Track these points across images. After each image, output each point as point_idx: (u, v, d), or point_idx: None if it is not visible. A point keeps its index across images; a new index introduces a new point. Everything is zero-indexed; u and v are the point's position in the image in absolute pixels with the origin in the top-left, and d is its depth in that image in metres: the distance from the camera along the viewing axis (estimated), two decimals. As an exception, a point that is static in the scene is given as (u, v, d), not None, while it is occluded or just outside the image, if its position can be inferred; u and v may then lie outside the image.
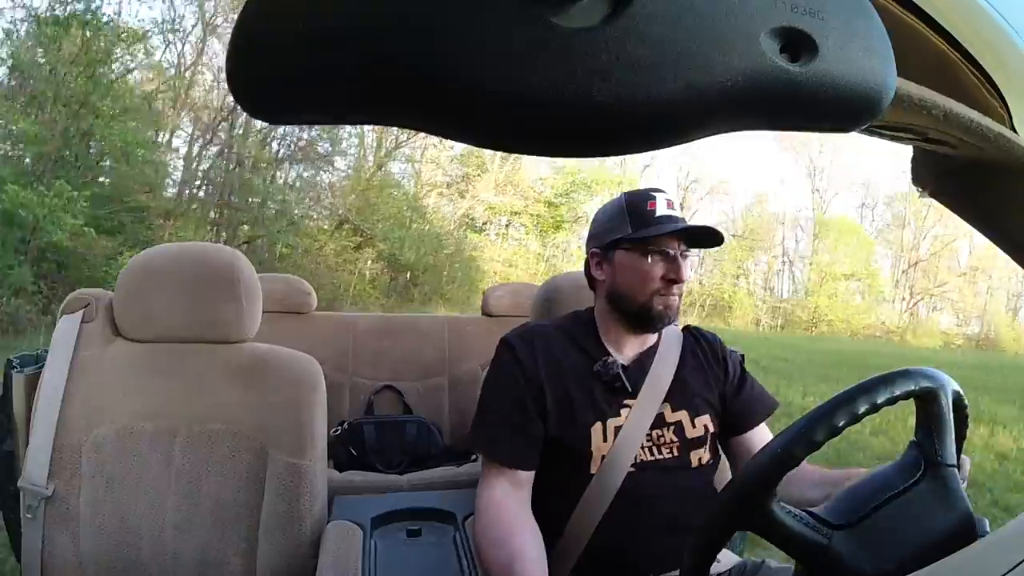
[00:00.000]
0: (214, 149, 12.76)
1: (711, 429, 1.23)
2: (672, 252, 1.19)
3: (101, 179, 10.56)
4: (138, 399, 1.29)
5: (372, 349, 2.67)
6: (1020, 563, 0.44)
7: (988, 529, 0.72)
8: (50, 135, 9.34)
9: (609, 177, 25.01)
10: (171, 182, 11.95)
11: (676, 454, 1.20)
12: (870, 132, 0.46)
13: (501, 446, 1.15)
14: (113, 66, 10.86)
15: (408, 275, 15.10)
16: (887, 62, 0.33)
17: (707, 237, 1.22)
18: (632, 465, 1.16)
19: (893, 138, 0.48)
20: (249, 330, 1.35)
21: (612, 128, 0.30)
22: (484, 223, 21.52)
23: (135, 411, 1.28)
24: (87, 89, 9.78)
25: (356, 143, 16.48)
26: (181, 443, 1.28)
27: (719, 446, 1.28)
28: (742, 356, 1.34)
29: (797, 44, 0.31)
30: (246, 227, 12.36)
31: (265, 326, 1.43)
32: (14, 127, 9.27)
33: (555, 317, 1.40)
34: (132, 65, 11.70)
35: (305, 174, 14.34)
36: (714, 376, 1.29)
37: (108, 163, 10.82)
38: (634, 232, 1.20)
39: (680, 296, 1.22)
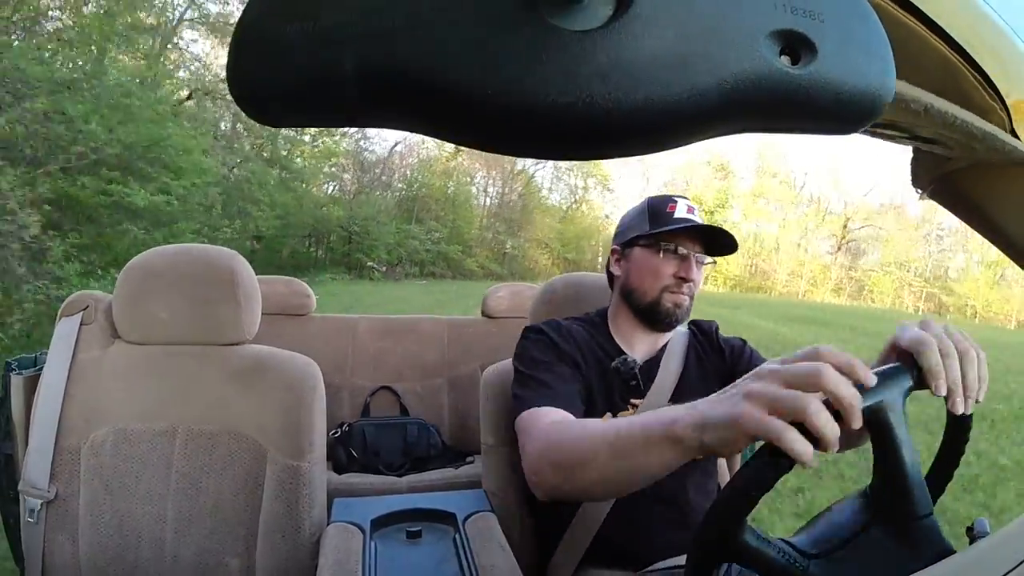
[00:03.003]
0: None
1: None
2: (685, 252, 1.24)
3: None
4: (137, 401, 1.29)
5: (372, 351, 2.67)
6: (1021, 563, 0.44)
7: (988, 529, 0.72)
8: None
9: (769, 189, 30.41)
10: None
11: None
12: (866, 132, 0.46)
13: (547, 394, 1.14)
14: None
15: (567, 263, 24.64)
16: (887, 64, 0.33)
17: (723, 245, 1.26)
18: None
19: (890, 139, 0.48)
20: (248, 332, 1.35)
21: (613, 131, 0.30)
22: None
23: (134, 413, 1.28)
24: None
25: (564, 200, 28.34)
26: (180, 445, 1.28)
27: None
28: (742, 340, 1.38)
29: (796, 46, 0.31)
30: (509, 244, 23.29)
31: (264, 328, 1.43)
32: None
33: (554, 318, 1.42)
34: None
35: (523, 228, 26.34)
36: (712, 364, 1.33)
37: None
38: (651, 229, 1.26)
39: (691, 297, 1.27)
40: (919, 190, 0.57)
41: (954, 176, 0.54)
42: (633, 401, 1.24)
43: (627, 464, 0.81)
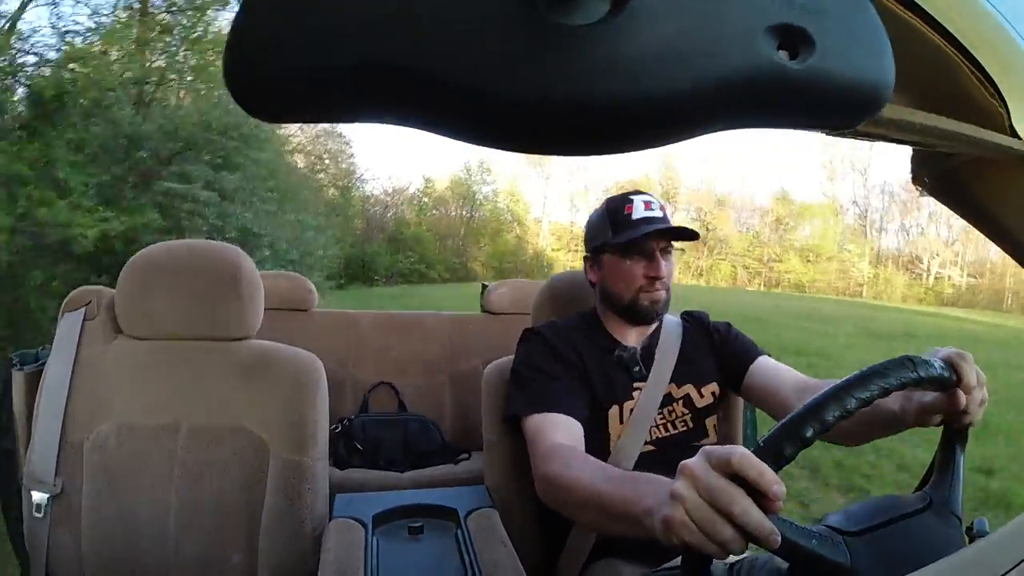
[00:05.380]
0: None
1: (717, 394, 1.34)
2: (651, 251, 1.29)
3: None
4: (140, 396, 1.29)
5: (374, 347, 2.67)
6: (1021, 562, 0.44)
7: (988, 529, 0.72)
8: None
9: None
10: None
11: (691, 425, 1.30)
12: (864, 136, 0.46)
13: (549, 396, 1.21)
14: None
15: (495, 271, 31.48)
16: (885, 59, 0.32)
17: (686, 231, 1.31)
18: (648, 443, 1.24)
19: (889, 140, 0.48)
20: (251, 327, 1.35)
21: (612, 126, 0.30)
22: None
23: (137, 408, 1.28)
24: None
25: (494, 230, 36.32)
26: (183, 440, 1.28)
27: (739, 396, 1.41)
28: (728, 323, 1.46)
29: (795, 41, 0.31)
30: (456, 261, 32.29)
31: (267, 323, 1.43)
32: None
33: (557, 315, 1.49)
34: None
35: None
36: (707, 345, 1.40)
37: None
38: (614, 237, 1.30)
39: (667, 290, 1.31)
40: (919, 187, 0.57)
41: (954, 173, 0.54)
42: (636, 385, 1.29)
43: (609, 524, 0.93)
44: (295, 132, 20.36)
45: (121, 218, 5.92)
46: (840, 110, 0.33)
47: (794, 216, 41.32)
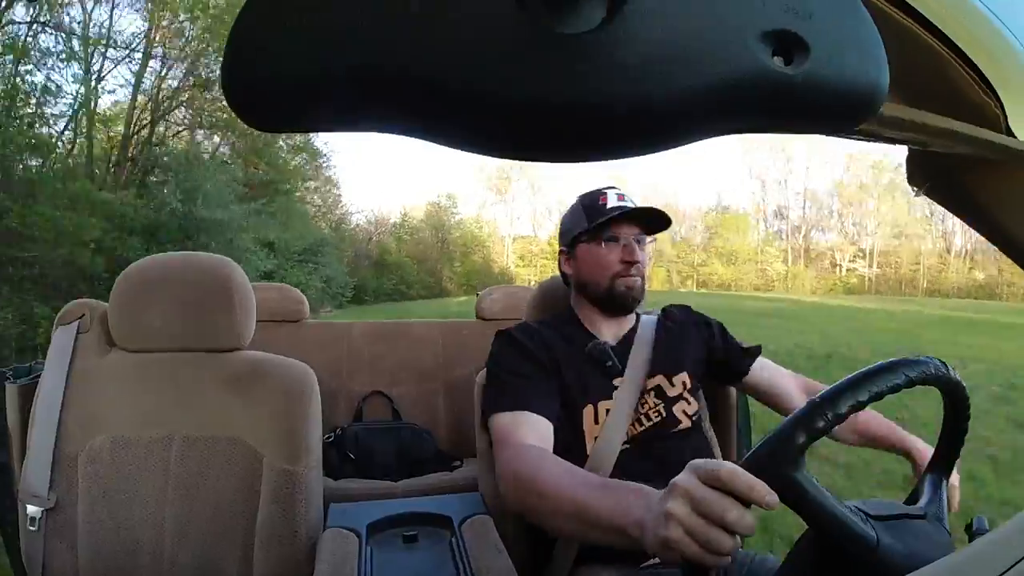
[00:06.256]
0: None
1: (688, 384, 1.32)
2: (625, 237, 1.32)
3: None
4: (134, 408, 1.28)
5: (366, 356, 2.67)
6: (1020, 561, 0.44)
7: (988, 527, 0.72)
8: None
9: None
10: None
11: (663, 415, 1.28)
12: (860, 136, 0.46)
13: (520, 395, 1.20)
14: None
15: (464, 286, 36.71)
16: (880, 62, 0.33)
17: (657, 221, 1.35)
18: (625, 442, 1.23)
19: (885, 140, 0.48)
20: (243, 338, 1.35)
21: (608, 133, 0.30)
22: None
23: (131, 420, 1.28)
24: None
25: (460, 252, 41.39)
26: (177, 452, 1.27)
27: (732, 388, 1.47)
28: (713, 320, 1.49)
29: (789, 46, 0.31)
30: (430, 280, 37.91)
31: (259, 334, 1.42)
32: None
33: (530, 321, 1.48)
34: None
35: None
36: (695, 335, 1.43)
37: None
38: (589, 224, 1.33)
39: (642, 277, 1.32)
40: (915, 188, 0.57)
41: (951, 174, 0.54)
42: (614, 383, 1.28)
43: (586, 532, 0.92)
44: (300, 191, 26.67)
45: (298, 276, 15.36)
46: (836, 114, 0.33)
47: (721, 223, 46.31)
